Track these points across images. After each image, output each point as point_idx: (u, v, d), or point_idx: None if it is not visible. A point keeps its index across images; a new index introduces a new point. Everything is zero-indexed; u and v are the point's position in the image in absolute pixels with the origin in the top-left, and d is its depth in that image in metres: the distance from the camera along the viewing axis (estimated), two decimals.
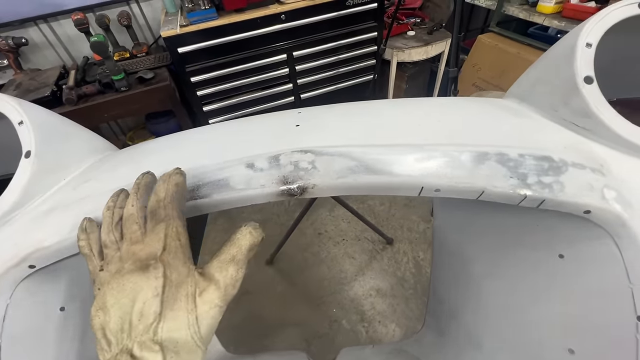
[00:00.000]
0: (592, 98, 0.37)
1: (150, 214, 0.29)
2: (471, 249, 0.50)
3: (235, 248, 0.29)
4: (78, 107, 1.44)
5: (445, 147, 0.36)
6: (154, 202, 0.29)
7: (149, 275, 0.26)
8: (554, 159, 0.35)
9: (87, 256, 0.30)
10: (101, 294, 0.27)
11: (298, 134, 0.41)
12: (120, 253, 0.28)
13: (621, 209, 0.32)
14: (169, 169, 0.39)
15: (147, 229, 0.29)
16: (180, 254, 0.28)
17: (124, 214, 0.30)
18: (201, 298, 0.26)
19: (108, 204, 0.31)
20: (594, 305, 0.34)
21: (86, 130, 0.56)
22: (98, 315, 0.26)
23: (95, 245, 0.30)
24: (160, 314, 0.25)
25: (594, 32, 0.39)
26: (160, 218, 0.29)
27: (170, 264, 0.27)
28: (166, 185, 0.30)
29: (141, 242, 0.28)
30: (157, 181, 0.32)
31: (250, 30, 1.58)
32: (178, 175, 0.32)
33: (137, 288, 0.26)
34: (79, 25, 1.51)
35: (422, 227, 1.71)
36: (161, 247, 0.27)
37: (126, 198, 0.31)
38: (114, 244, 0.29)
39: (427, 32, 2.00)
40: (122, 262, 0.28)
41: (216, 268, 0.28)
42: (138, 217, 0.29)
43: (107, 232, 0.30)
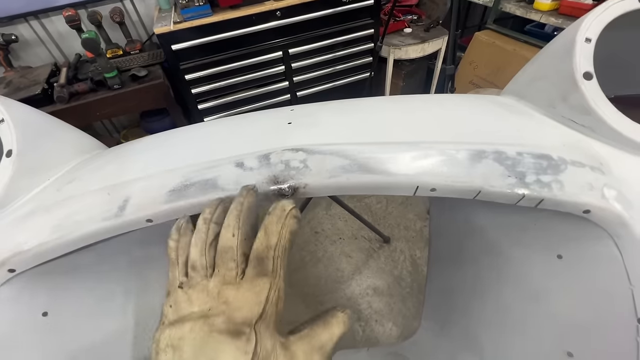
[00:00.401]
0: (592, 94, 0.36)
1: (255, 259, 0.25)
2: (468, 249, 0.49)
3: (327, 334, 0.26)
4: (70, 105, 1.41)
5: (442, 145, 0.35)
6: (262, 246, 0.26)
7: (239, 346, 0.22)
8: (553, 157, 0.34)
9: (172, 262, 0.27)
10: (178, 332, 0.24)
11: (290, 132, 0.39)
12: (208, 285, 0.25)
13: (621, 209, 0.31)
14: (156, 169, 0.38)
15: (246, 274, 0.25)
16: (272, 324, 0.25)
17: (221, 242, 0.26)
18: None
19: (205, 216, 0.27)
20: (593, 307, 0.33)
21: (73, 129, 0.54)
22: (167, 352, 0.23)
23: (183, 253, 0.27)
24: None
25: (594, 27, 0.38)
26: (266, 271, 0.25)
27: (262, 335, 0.24)
28: (281, 230, 0.26)
29: (235, 287, 0.25)
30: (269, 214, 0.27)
31: (245, 27, 1.56)
32: (294, 221, 0.27)
33: (222, 354, 0.22)
34: (70, 21, 1.48)
35: (418, 225, 1.71)
36: (258, 313, 0.24)
37: (224, 212, 0.28)
38: (203, 269, 0.26)
39: (424, 30, 1.98)
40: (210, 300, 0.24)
41: (303, 350, 0.25)
42: (237, 254, 0.25)
43: (200, 252, 0.26)
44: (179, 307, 0.25)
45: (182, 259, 0.27)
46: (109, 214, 0.33)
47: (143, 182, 0.36)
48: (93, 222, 0.33)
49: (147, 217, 0.33)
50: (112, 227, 0.33)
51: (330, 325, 0.26)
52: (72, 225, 0.34)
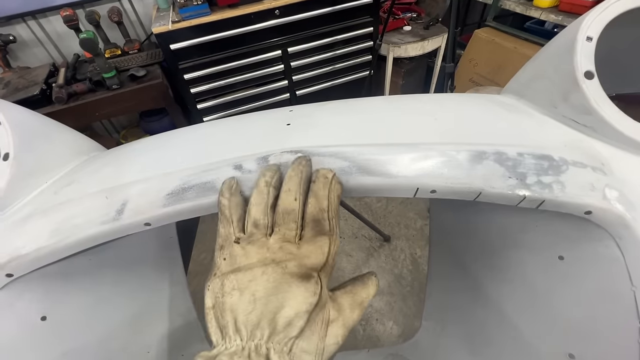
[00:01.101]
0: (593, 94, 0.36)
1: (312, 221, 0.27)
2: (469, 250, 0.49)
3: (365, 293, 0.29)
4: (68, 106, 1.41)
5: (442, 146, 0.35)
6: (316, 209, 0.27)
7: (309, 287, 0.25)
8: (554, 158, 0.33)
9: (226, 218, 0.28)
10: (248, 275, 0.25)
11: (288, 133, 0.39)
12: (269, 242, 0.27)
13: (623, 210, 0.31)
14: (153, 172, 0.37)
15: (305, 235, 0.27)
16: (328, 275, 0.28)
17: (283, 204, 0.27)
18: (331, 328, 0.26)
19: (266, 178, 0.29)
20: (595, 308, 0.33)
21: (70, 131, 0.54)
22: (233, 294, 0.25)
23: (235, 212, 0.28)
24: (303, 330, 0.24)
25: (595, 25, 0.37)
26: (324, 230, 0.27)
27: (323, 282, 0.26)
28: (329, 194, 0.28)
29: (294, 245, 0.27)
30: (314, 180, 0.29)
31: (243, 26, 1.55)
32: (339, 185, 0.30)
33: (294, 295, 0.25)
34: (68, 21, 1.48)
35: (419, 224, 1.71)
36: (323, 262, 0.27)
37: (281, 180, 0.30)
38: (264, 228, 0.27)
39: (423, 27, 1.98)
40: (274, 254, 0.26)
41: (349, 303, 0.28)
42: (298, 217, 0.27)
43: (262, 212, 0.27)
44: (234, 260, 0.27)
45: (235, 216, 0.28)
46: (107, 218, 0.33)
47: (141, 185, 0.35)
48: (91, 226, 0.33)
49: (145, 221, 0.33)
50: (110, 231, 0.33)
51: (367, 286, 0.30)
52: (70, 229, 0.34)
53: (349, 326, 0.26)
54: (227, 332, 0.24)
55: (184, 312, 0.57)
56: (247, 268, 0.26)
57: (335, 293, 0.28)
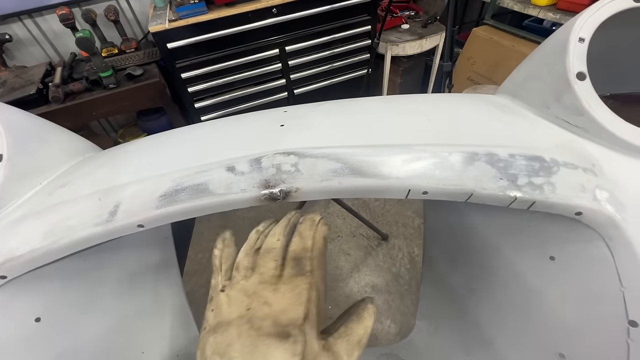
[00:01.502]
0: (585, 95, 0.36)
1: (293, 260, 0.27)
2: (461, 251, 0.49)
3: (362, 329, 0.27)
4: (65, 105, 1.40)
5: (434, 147, 0.35)
6: (299, 248, 0.27)
7: (287, 348, 0.23)
8: (545, 159, 0.33)
9: (215, 269, 0.29)
10: (225, 338, 0.24)
11: (282, 135, 0.39)
12: (247, 285, 0.26)
13: (613, 211, 0.31)
14: (147, 173, 0.37)
15: (284, 274, 0.26)
16: (314, 325, 0.25)
17: (265, 245, 0.28)
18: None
19: (259, 228, 0.30)
20: (585, 308, 0.33)
21: (65, 131, 0.54)
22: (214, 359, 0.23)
23: (226, 262, 0.29)
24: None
25: (587, 26, 0.37)
26: (303, 271, 0.26)
27: (308, 336, 0.24)
28: (314, 235, 0.29)
29: (273, 287, 0.26)
30: (303, 222, 0.30)
31: (241, 25, 1.55)
32: (325, 227, 0.31)
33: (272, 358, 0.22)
34: (64, 20, 1.47)
35: (416, 222, 1.71)
36: (303, 314, 0.24)
37: None
38: (245, 270, 0.27)
39: (421, 26, 1.97)
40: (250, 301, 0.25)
41: (345, 349, 0.25)
42: (278, 256, 0.27)
43: (245, 254, 0.28)
44: (219, 310, 0.26)
45: (225, 266, 0.29)
46: (100, 220, 0.33)
47: (134, 186, 0.35)
48: (84, 228, 0.33)
49: (138, 223, 0.33)
50: (103, 233, 0.33)
51: (363, 319, 0.28)
52: (63, 231, 0.34)
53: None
54: None
55: (179, 313, 0.58)
56: (225, 327, 0.24)
57: (329, 340, 0.26)
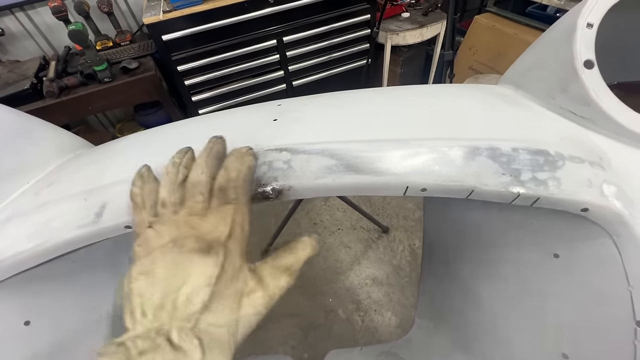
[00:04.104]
0: (593, 84, 0.34)
1: (218, 191, 0.27)
2: (462, 247, 0.48)
3: (293, 257, 0.28)
4: (60, 100, 1.38)
5: (433, 141, 0.33)
6: (223, 180, 0.28)
7: (208, 261, 0.24)
8: (550, 153, 0.32)
9: (137, 206, 0.28)
10: (150, 259, 0.25)
11: (274, 130, 0.37)
12: (176, 218, 0.27)
13: (621, 206, 0.30)
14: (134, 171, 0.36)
15: (212, 205, 0.27)
16: (239, 245, 0.27)
17: (190, 179, 0.28)
18: (248, 299, 0.25)
19: (174, 160, 0.29)
20: (590, 308, 0.32)
21: (54, 128, 0.52)
22: (139, 279, 0.24)
23: (149, 198, 0.28)
24: (207, 305, 0.23)
25: (596, 11, 0.35)
26: (229, 199, 0.27)
27: (231, 253, 0.26)
28: (239, 166, 0.28)
29: (202, 217, 0.26)
30: (228, 156, 0.29)
31: (237, 15, 1.51)
32: (251, 158, 0.30)
33: (192, 270, 0.24)
34: (56, 12, 1.44)
35: (417, 214, 1.70)
36: (227, 232, 0.26)
37: (192, 159, 0.29)
38: (173, 205, 0.27)
39: (422, 14, 1.92)
40: (179, 230, 0.26)
41: (269, 272, 0.27)
42: (205, 189, 0.27)
43: (170, 191, 0.27)
44: (148, 244, 0.26)
45: (149, 202, 0.28)
46: (86, 221, 0.32)
47: (121, 186, 0.34)
48: (69, 230, 0.32)
49: (125, 224, 0.32)
50: (89, 235, 0.32)
51: (295, 249, 0.29)
52: (49, 233, 0.33)
53: (272, 295, 0.26)
54: (135, 316, 0.24)
55: None
56: (151, 252, 0.25)
57: (257, 264, 0.27)
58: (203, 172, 0.27)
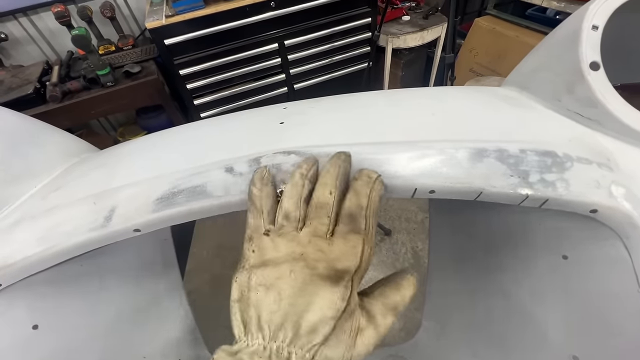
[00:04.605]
0: (599, 86, 0.34)
1: (348, 217, 0.26)
2: (469, 249, 0.48)
3: (399, 296, 0.27)
4: (63, 105, 1.39)
5: (441, 143, 0.33)
6: (354, 206, 0.26)
7: (336, 292, 0.23)
8: (558, 154, 0.32)
9: (255, 209, 0.27)
10: (275, 272, 0.24)
11: (282, 133, 0.38)
12: (299, 235, 0.26)
13: (630, 208, 0.30)
14: (143, 175, 0.36)
15: (337, 231, 0.26)
16: (359, 280, 0.26)
17: (317, 197, 0.27)
18: (361, 338, 0.24)
19: (301, 171, 0.28)
20: (600, 310, 0.32)
21: (60, 132, 0.52)
22: (259, 290, 0.24)
23: (267, 203, 0.27)
24: (327, 338, 0.23)
25: (601, 13, 0.36)
26: (358, 228, 0.26)
27: (355, 287, 0.25)
28: (370, 193, 0.27)
29: (329, 241, 0.25)
30: (357, 177, 0.28)
31: (239, 19, 1.52)
32: (382, 186, 0.29)
33: (320, 297, 0.23)
34: (59, 18, 1.45)
35: (420, 217, 1.70)
36: (356, 264, 0.25)
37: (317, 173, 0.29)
38: (295, 221, 0.26)
39: (422, 17, 1.94)
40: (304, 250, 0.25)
41: (380, 310, 0.26)
42: (332, 211, 0.26)
43: (295, 204, 0.26)
44: (263, 252, 0.26)
45: (266, 207, 0.27)
46: (95, 225, 0.32)
47: (130, 189, 0.34)
48: (79, 234, 0.32)
49: (134, 227, 0.32)
50: (98, 238, 0.32)
51: (401, 287, 0.27)
52: (58, 237, 0.33)
53: (381, 334, 0.25)
54: (250, 328, 0.23)
55: (180, 316, 0.57)
56: (276, 263, 0.25)
57: (364, 299, 0.26)
58: (332, 193, 0.26)
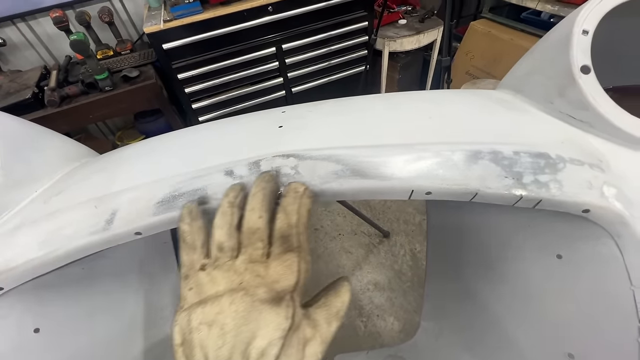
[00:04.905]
0: (590, 89, 0.35)
1: (280, 238, 0.26)
2: (466, 250, 0.49)
3: (340, 302, 0.28)
4: (61, 109, 1.39)
5: (436, 146, 0.34)
6: (284, 225, 0.27)
7: (280, 313, 0.23)
8: (551, 156, 0.33)
9: (187, 245, 0.27)
10: (214, 307, 0.24)
11: (281, 136, 0.38)
12: (235, 265, 0.26)
13: (622, 207, 0.30)
14: (143, 179, 0.37)
15: (272, 252, 0.26)
16: (300, 294, 0.26)
17: (247, 223, 0.27)
18: (309, 347, 0.24)
19: (229, 199, 0.28)
20: (594, 308, 0.33)
21: (60, 137, 0.53)
22: (201, 329, 0.23)
23: (198, 237, 0.27)
24: (278, 357, 0.22)
25: (591, 18, 0.37)
26: (292, 247, 0.26)
27: (297, 303, 0.25)
28: (299, 209, 0.28)
29: (265, 265, 0.26)
30: (285, 195, 0.29)
31: (237, 24, 1.53)
32: (310, 200, 0.29)
33: (266, 323, 0.23)
34: (58, 23, 1.46)
35: (418, 219, 1.70)
36: (294, 282, 0.25)
37: (245, 198, 0.29)
38: (230, 250, 0.26)
39: (418, 20, 1.96)
40: (242, 278, 0.25)
41: (324, 317, 0.26)
42: (265, 235, 0.26)
43: (227, 233, 0.26)
44: (201, 288, 0.25)
45: (198, 242, 0.27)
46: (97, 228, 0.32)
47: (131, 193, 0.35)
48: (80, 237, 0.32)
49: (135, 230, 0.32)
50: (100, 242, 0.32)
51: (341, 294, 0.29)
52: (59, 241, 0.33)
53: (327, 341, 0.25)
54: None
55: None
56: (215, 298, 0.24)
57: (309, 310, 0.26)
58: (261, 217, 0.27)
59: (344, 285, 0.30)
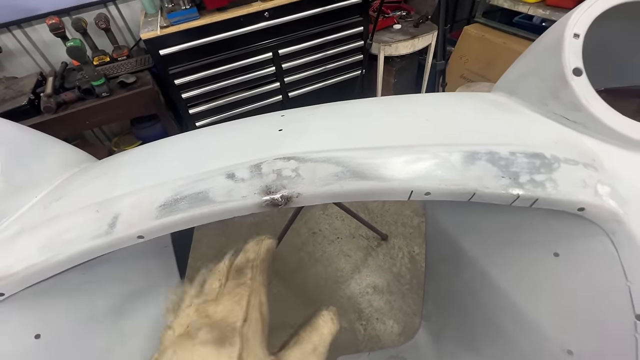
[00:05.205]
0: (582, 90, 0.36)
1: (234, 272, 0.27)
2: (464, 250, 0.49)
3: (316, 336, 0.26)
4: (58, 116, 1.39)
5: (435, 147, 0.35)
6: (242, 260, 0.28)
7: (222, 353, 0.22)
8: (546, 156, 0.33)
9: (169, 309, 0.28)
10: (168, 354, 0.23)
11: (281, 140, 0.39)
12: (189, 310, 0.25)
13: (615, 205, 0.31)
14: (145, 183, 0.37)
15: (226, 287, 0.26)
16: (259, 331, 0.24)
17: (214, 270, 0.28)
18: None
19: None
20: (591, 304, 0.33)
21: (59, 142, 0.53)
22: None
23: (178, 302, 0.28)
24: None
25: (582, 22, 0.38)
26: (245, 279, 0.26)
27: (249, 341, 0.23)
28: (257, 248, 0.29)
29: (216, 302, 0.25)
30: (249, 242, 0.30)
31: (233, 29, 1.55)
32: (270, 241, 0.30)
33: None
34: (54, 30, 1.46)
35: (416, 221, 1.71)
36: (242, 316, 0.24)
37: None
38: (190, 298, 0.27)
39: (413, 25, 1.98)
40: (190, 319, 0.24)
41: (297, 357, 0.25)
42: (223, 275, 0.27)
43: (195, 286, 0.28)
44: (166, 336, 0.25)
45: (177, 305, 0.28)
46: (99, 232, 0.33)
47: (132, 197, 0.35)
48: (82, 241, 0.33)
49: (138, 234, 0.32)
50: (102, 246, 0.32)
51: (317, 326, 0.27)
52: (60, 246, 0.33)
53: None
54: None
55: None
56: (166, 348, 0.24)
57: (279, 354, 0.25)
58: (225, 263, 0.28)
59: (323, 315, 0.28)
